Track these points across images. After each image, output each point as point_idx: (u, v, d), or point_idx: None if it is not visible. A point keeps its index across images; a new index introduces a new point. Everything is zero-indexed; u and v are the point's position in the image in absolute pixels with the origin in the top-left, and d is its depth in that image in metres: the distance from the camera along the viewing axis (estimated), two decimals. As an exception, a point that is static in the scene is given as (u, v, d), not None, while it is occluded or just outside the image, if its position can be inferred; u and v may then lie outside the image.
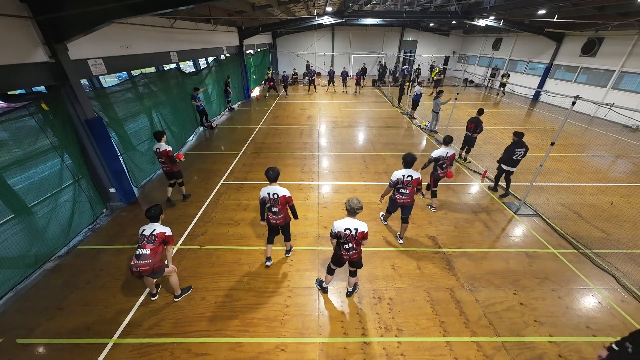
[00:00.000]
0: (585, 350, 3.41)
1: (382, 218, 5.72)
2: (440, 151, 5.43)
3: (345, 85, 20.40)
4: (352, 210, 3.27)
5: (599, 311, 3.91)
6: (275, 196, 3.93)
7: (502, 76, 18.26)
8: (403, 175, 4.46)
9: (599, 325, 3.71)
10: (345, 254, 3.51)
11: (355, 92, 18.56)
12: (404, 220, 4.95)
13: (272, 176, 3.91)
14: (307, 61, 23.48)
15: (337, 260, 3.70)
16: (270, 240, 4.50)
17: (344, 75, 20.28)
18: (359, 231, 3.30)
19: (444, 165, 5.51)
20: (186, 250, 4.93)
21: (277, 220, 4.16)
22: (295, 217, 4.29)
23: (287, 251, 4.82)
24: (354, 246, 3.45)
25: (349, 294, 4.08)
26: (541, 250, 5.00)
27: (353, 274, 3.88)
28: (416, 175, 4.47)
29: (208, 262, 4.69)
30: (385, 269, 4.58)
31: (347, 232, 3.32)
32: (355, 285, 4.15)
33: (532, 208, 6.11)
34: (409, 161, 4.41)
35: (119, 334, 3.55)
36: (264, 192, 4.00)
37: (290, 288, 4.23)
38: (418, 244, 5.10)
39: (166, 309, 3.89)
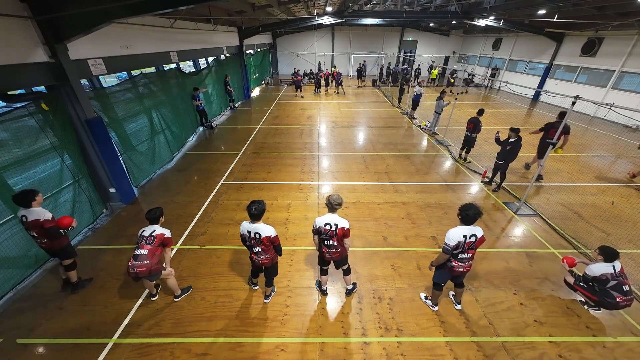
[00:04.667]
0: (585, 350, 3.41)
1: (429, 304, 3.97)
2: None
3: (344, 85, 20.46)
4: (331, 206, 3.29)
5: (599, 311, 3.89)
6: (258, 236, 3.28)
7: (451, 73, 20.17)
8: (465, 237, 3.14)
9: (599, 325, 3.71)
10: (327, 250, 3.51)
11: (336, 92, 18.54)
12: (459, 284, 3.78)
13: (255, 214, 3.18)
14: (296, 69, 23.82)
15: (321, 259, 3.73)
16: (254, 275, 4.06)
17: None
18: (339, 227, 3.30)
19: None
20: (186, 251, 4.93)
21: (264, 261, 3.51)
22: (280, 253, 3.60)
23: (267, 296, 4.02)
24: (335, 243, 3.44)
25: (348, 293, 4.08)
26: (541, 250, 5.00)
27: (346, 272, 3.90)
28: (480, 232, 3.19)
29: (208, 262, 4.69)
30: (385, 269, 4.58)
31: (328, 227, 3.32)
32: (354, 285, 4.16)
33: (532, 208, 6.11)
34: (470, 217, 3.09)
35: (119, 334, 3.55)
36: (243, 229, 3.34)
37: (290, 288, 4.22)
38: (418, 244, 5.10)
39: (166, 309, 3.89)
